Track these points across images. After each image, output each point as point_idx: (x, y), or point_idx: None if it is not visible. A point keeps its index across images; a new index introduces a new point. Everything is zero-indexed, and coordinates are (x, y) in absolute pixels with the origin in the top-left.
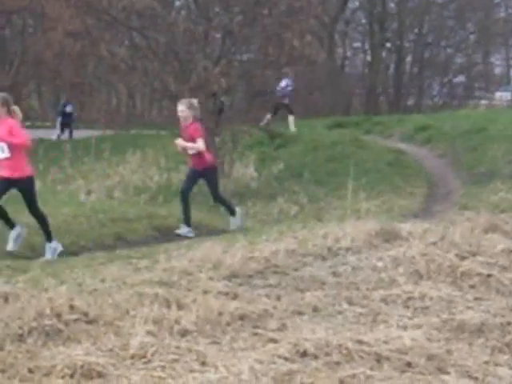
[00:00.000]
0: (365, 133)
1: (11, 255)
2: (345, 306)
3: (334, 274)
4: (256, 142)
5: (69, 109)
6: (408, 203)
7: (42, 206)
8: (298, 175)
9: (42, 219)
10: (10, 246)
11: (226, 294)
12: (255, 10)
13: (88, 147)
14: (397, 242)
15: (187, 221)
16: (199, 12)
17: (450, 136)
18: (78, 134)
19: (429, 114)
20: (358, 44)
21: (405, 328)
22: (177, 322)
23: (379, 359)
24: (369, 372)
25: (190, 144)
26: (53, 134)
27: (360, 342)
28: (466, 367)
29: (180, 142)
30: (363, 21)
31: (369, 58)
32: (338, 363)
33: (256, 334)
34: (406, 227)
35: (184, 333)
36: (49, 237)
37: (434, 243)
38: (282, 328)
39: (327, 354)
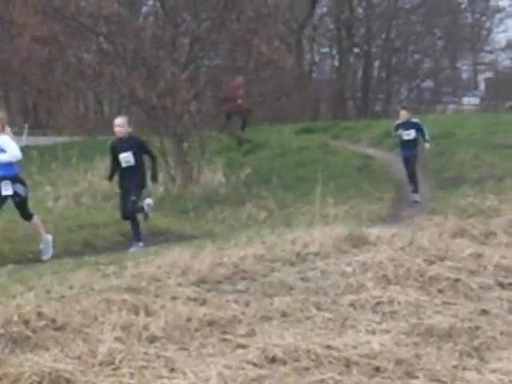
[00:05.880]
0: (333, 138)
1: None
2: (313, 311)
3: (303, 279)
4: (224, 148)
5: None
6: (376, 208)
7: (9, 212)
8: (267, 181)
9: None
10: None
11: (195, 299)
12: (223, 15)
13: (55, 154)
14: (365, 247)
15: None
16: (167, 18)
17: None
18: (46, 140)
19: (397, 118)
20: (325, 49)
21: (373, 333)
22: (145, 328)
23: (348, 364)
24: (337, 377)
25: None
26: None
27: (329, 347)
28: (434, 371)
29: None
30: (331, 26)
31: (337, 63)
32: (306, 368)
33: (224, 340)
34: (374, 232)
35: (152, 339)
36: None
37: (402, 248)
38: (251, 333)
39: (296, 360)
